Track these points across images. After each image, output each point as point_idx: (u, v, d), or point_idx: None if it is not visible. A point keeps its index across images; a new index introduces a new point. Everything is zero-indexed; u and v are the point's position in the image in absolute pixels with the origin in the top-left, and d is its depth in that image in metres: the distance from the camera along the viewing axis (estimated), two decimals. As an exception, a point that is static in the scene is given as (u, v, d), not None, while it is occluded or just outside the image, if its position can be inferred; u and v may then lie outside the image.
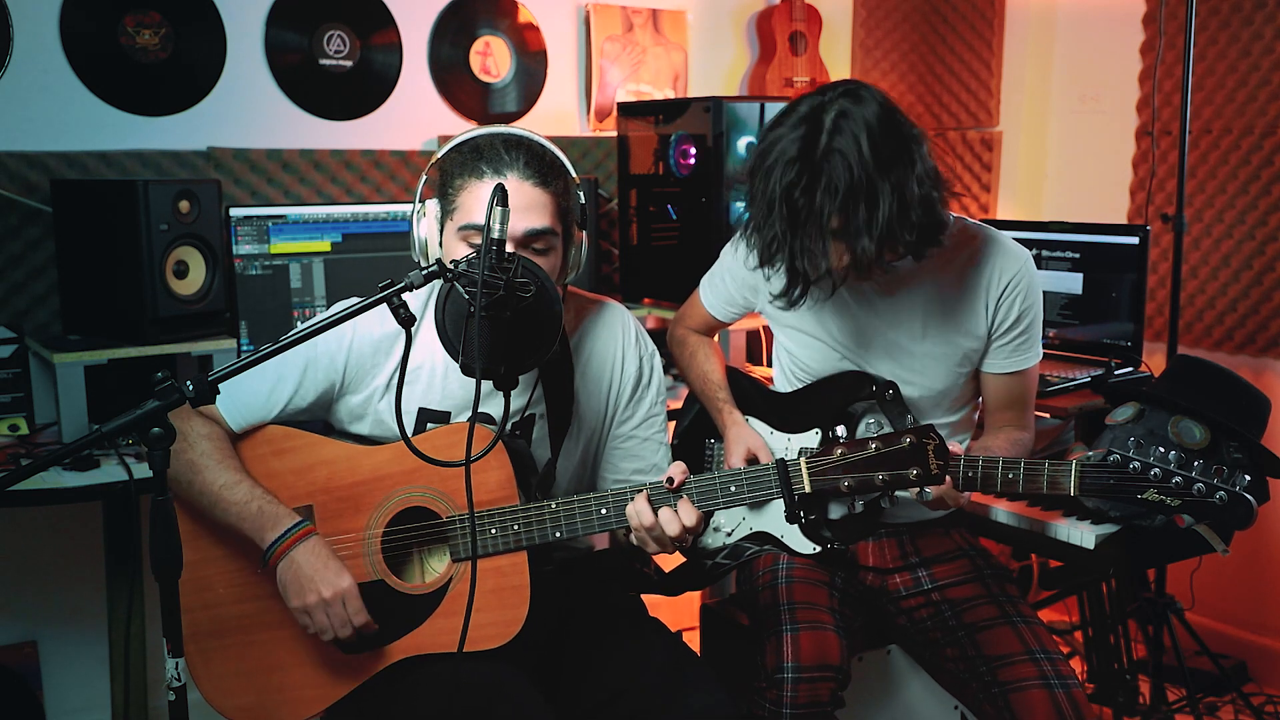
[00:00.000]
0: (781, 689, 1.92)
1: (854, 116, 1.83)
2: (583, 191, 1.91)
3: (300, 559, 1.74)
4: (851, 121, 1.82)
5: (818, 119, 1.84)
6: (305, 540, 1.75)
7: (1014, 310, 2.08)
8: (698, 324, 2.39)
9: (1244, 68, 3.28)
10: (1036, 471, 1.89)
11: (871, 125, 1.83)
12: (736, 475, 1.83)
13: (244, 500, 1.77)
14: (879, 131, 1.83)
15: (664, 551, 1.82)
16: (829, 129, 1.82)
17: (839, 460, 1.77)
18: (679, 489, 1.81)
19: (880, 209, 1.81)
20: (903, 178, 1.83)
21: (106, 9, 2.77)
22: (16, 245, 2.66)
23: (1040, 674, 1.92)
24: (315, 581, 1.72)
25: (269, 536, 1.75)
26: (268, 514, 1.76)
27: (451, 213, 1.82)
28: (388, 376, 1.90)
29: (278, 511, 1.77)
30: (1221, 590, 3.35)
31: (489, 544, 1.79)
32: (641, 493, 1.79)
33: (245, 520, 1.76)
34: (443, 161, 1.85)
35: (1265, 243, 3.26)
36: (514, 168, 1.79)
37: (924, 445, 1.73)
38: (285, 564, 1.74)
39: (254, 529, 1.76)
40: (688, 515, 1.77)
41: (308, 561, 1.74)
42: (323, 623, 1.73)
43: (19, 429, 2.54)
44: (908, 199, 1.83)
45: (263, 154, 2.95)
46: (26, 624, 2.83)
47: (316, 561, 1.74)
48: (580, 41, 3.46)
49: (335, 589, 1.72)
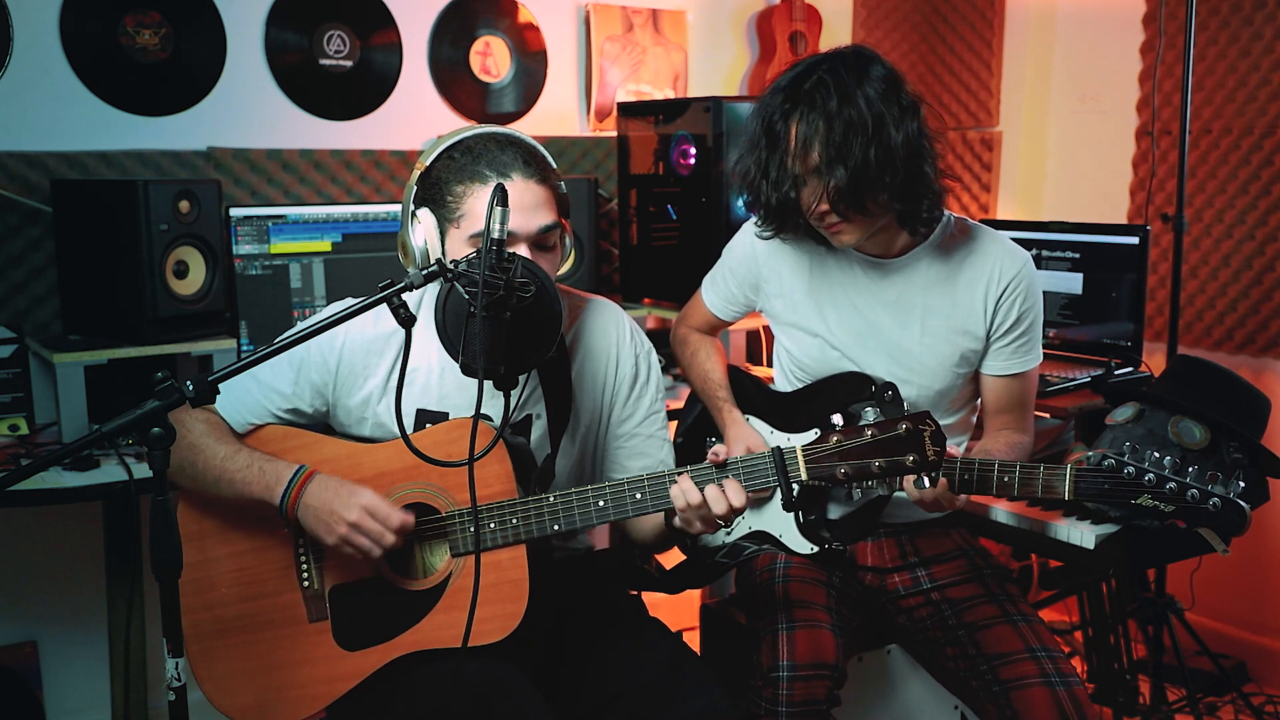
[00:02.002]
0: (777, 687, 1.92)
1: (851, 64, 1.93)
2: (561, 181, 1.90)
3: (312, 501, 1.75)
4: (846, 66, 1.92)
5: (815, 61, 1.94)
6: (310, 481, 1.76)
7: (1014, 312, 2.08)
8: (700, 323, 2.39)
9: (1244, 68, 3.28)
10: (1032, 476, 1.89)
11: (866, 73, 1.92)
12: (734, 464, 1.82)
13: (245, 465, 1.79)
14: (873, 80, 1.92)
15: (709, 531, 1.81)
16: (824, 69, 1.92)
17: (835, 447, 1.76)
18: (724, 466, 1.80)
19: (857, 142, 1.87)
20: (888, 123, 1.90)
21: (106, 9, 2.77)
22: (16, 245, 2.66)
23: (1041, 672, 1.92)
24: (335, 513, 1.73)
25: (277, 493, 1.76)
26: (269, 472, 1.78)
27: (456, 220, 1.80)
28: (383, 378, 1.90)
29: (277, 467, 1.78)
30: (1221, 590, 3.35)
31: (488, 538, 1.80)
32: (685, 474, 1.78)
33: (252, 484, 1.77)
34: (432, 169, 1.82)
35: (1265, 243, 3.26)
36: (515, 167, 1.79)
37: (920, 431, 1.72)
38: (302, 512, 1.75)
39: (262, 490, 1.77)
40: (735, 494, 1.76)
41: (319, 499, 1.74)
42: (364, 544, 1.73)
43: (19, 429, 2.54)
44: (890, 145, 1.89)
45: (263, 154, 2.96)
46: (26, 624, 2.83)
47: (326, 494, 1.74)
48: (580, 41, 3.46)
49: (356, 509, 1.72)
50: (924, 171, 1.93)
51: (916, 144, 1.92)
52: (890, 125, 1.88)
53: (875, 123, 1.87)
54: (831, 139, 1.87)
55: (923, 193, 1.95)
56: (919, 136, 1.92)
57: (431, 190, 1.82)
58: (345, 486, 1.75)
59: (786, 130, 1.93)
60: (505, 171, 1.78)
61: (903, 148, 1.89)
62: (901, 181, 1.90)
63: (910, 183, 1.92)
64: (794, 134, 1.92)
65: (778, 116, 1.94)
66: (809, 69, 1.94)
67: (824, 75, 1.91)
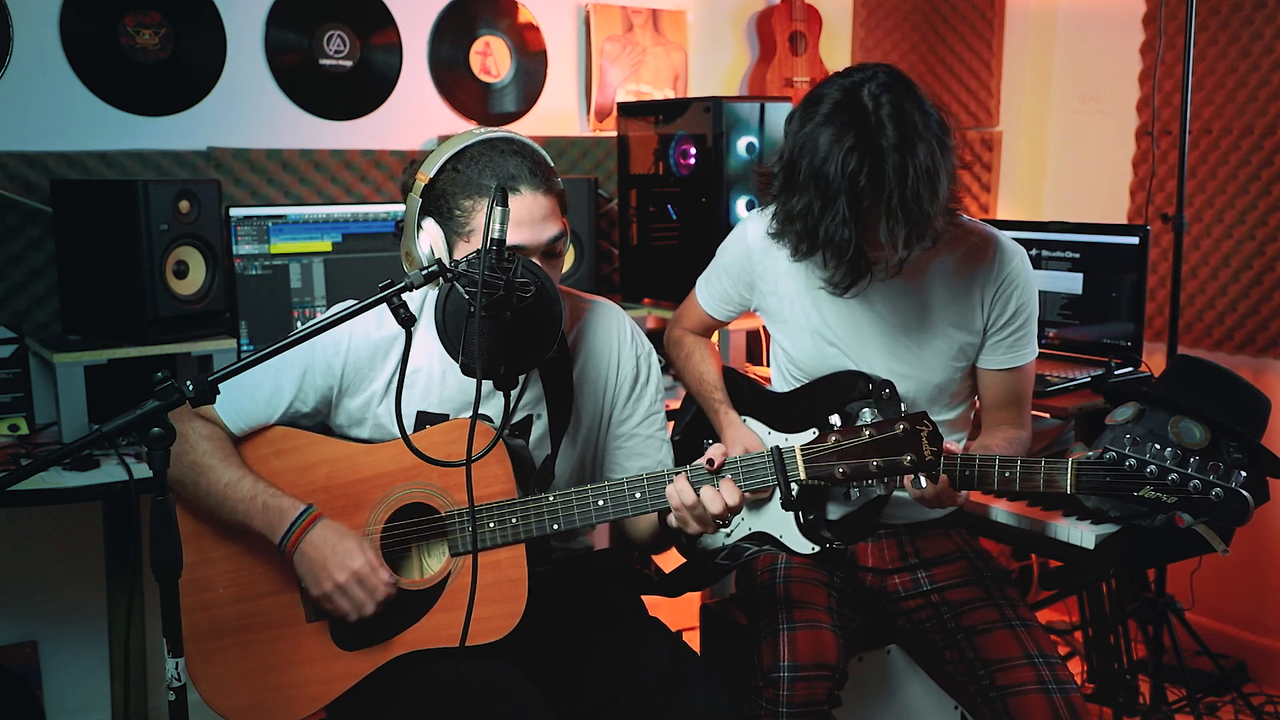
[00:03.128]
0: (778, 688, 1.92)
1: (895, 91, 1.84)
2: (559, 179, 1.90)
3: (309, 550, 1.75)
4: (894, 96, 1.83)
5: (858, 101, 1.83)
6: (311, 529, 1.76)
7: (1009, 306, 2.09)
8: (694, 324, 2.38)
9: (1244, 68, 3.28)
10: (1033, 470, 1.89)
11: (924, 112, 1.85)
12: (732, 464, 1.82)
13: (249, 496, 1.78)
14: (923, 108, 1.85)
15: (706, 531, 1.80)
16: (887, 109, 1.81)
17: (833, 447, 1.77)
18: (719, 470, 1.80)
19: (925, 197, 1.81)
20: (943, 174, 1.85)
21: (106, 9, 2.77)
22: (16, 245, 2.66)
23: (1038, 679, 1.93)
24: (328, 569, 1.73)
25: (279, 531, 1.76)
26: (273, 509, 1.77)
27: (466, 235, 1.79)
28: (385, 380, 1.90)
29: (282, 505, 1.77)
30: (1221, 590, 3.35)
31: (487, 537, 1.80)
32: (681, 474, 1.78)
33: (254, 517, 1.77)
34: (437, 182, 1.79)
35: (1265, 243, 3.26)
36: (522, 179, 1.77)
37: (917, 432, 1.73)
38: (299, 557, 1.75)
39: (263, 526, 1.77)
40: (730, 494, 1.76)
41: (316, 550, 1.74)
42: (344, 607, 1.74)
43: (19, 429, 2.54)
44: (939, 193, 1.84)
45: (263, 154, 2.96)
46: (26, 624, 2.83)
47: (324, 548, 1.74)
48: (580, 41, 3.46)
49: (346, 573, 1.73)
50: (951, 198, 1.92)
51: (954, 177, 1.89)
52: (945, 176, 1.85)
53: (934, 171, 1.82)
54: (906, 189, 1.80)
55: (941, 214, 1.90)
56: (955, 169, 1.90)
57: (437, 203, 1.80)
58: (344, 543, 1.75)
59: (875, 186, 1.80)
60: (514, 186, 1.77)
61: (945, 190, 1.86)
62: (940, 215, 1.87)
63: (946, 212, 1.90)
64: (882, 188, 1.80)
65: (863, 180, 1.80)
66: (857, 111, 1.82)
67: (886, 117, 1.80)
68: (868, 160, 1.79)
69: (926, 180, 1.81)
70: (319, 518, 1.77)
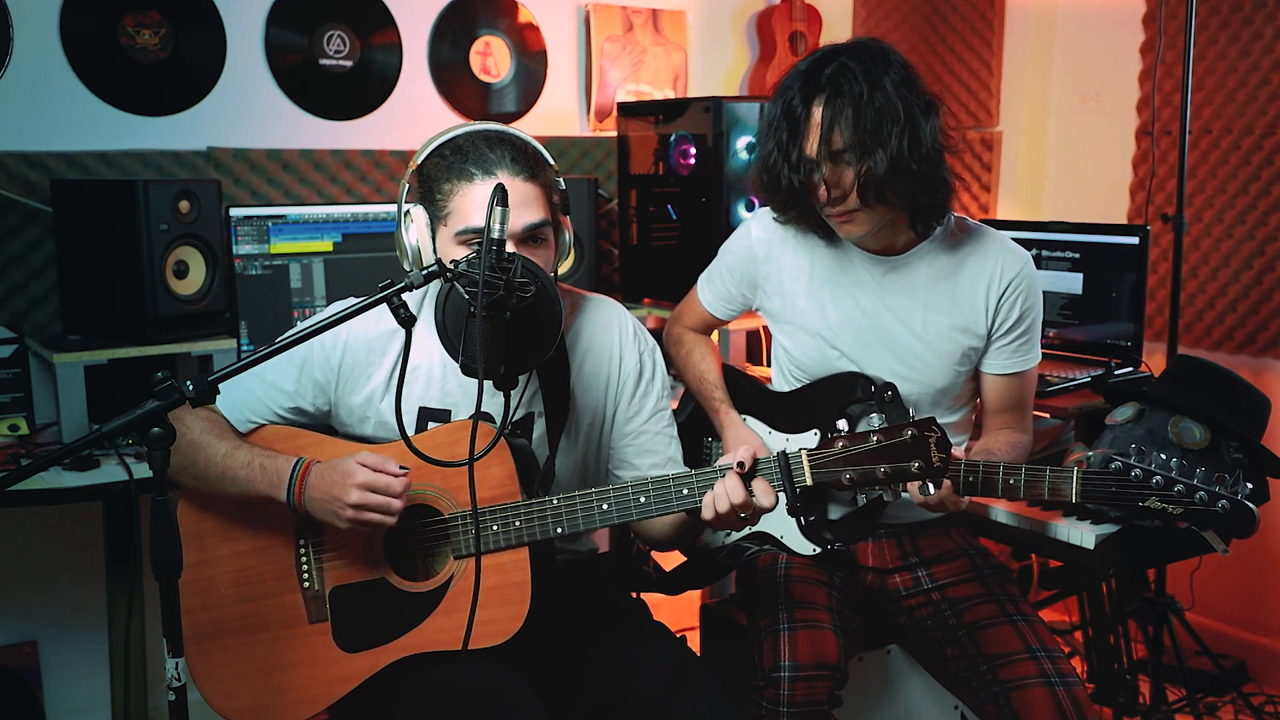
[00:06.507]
0: (778, 688, 1.92)
1: (875, 54, 1.91)
2: (560, 178, 1.90)
3: (314, 493, 1.74)
4: (870, 56, 1.91)
5: (834, 49, 1.92)
6: (308, 476, 1.76)
7: (1015, 311, 2.09)
8: (695, 322, 2.38)
9: (1244, 68, 3.28)
10: (1038, 478, 1.88)
11: (889, 63, 1.91)
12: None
13: (246, 462, 1.78)
14: (894, 68, 1.91)
15: (734, 529, 1.81)
16: (846, 56, 1.90)
17: (840, 453, 1.75)
18: (751, 472, 1.77)
19: (892, 131, 1.86)
20: (916, 114, 1.89)
21: (106, 9, 2.77)
22: (16, 245, 2.66)
23: (1041, 672, 1.92)
24: (336, 499, 1.72)
25: (282, 490, 1.76)
26: (270, 469, 1.77)
27: (444, 218, 1.81)
28: (384, 376, 1.90)
29: (277, 463, 1.78)
30: (1221, 590, 3.35)
31: (490, 540, 1.79)
32: (731, 471, 1.75)
33: (256, 481, 1.77)
34: (424, 167, 1.84)
35: (1265, 243, 3.26)
36: (502, 165, 1.79)
37: (926, 438, 1.71)
38: (309, 504, 1.75)
39: (267, 487, 1.77)
40: (766, 496, 1.75)
41: (321, 489, 1.74)
42: (375, 519, 1.72)
43: (19, 429, 2.54)
44: (919, 136, 1.89)
45: (263, 154, 2.95)
46: (26, 624, 2.83)
47: (325, 483, 1.73)
48: (580, 41, 3.46)
49: (354, 492, 1.70)
50: (944, 166, 1.95)
51: (938, 139, 1.93)
52: (919, 116, 1.90)
53: (905, 112, 1.88)
54: (862, 124, 1.87)
55: (940, 188, 1.96)
56: (940, 132, 1.94)
57: (423, 188, 1.83)
58: (338, 469, 1.73)
59: (808, 114, 1.91)
60: (491, 169, 1.78)
61: (929, 140, 1.90)
62: (925, 174, 1.91)
63: (932, 176, 1.93)
64: (817, 117, 1.90)
65: (798, 101, 1.91)
66: (828, 56, 1.93)
67: (847, 62, 1.90)
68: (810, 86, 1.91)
69: (892, 115, 1.86)
70: (313, 463, 1.77)
